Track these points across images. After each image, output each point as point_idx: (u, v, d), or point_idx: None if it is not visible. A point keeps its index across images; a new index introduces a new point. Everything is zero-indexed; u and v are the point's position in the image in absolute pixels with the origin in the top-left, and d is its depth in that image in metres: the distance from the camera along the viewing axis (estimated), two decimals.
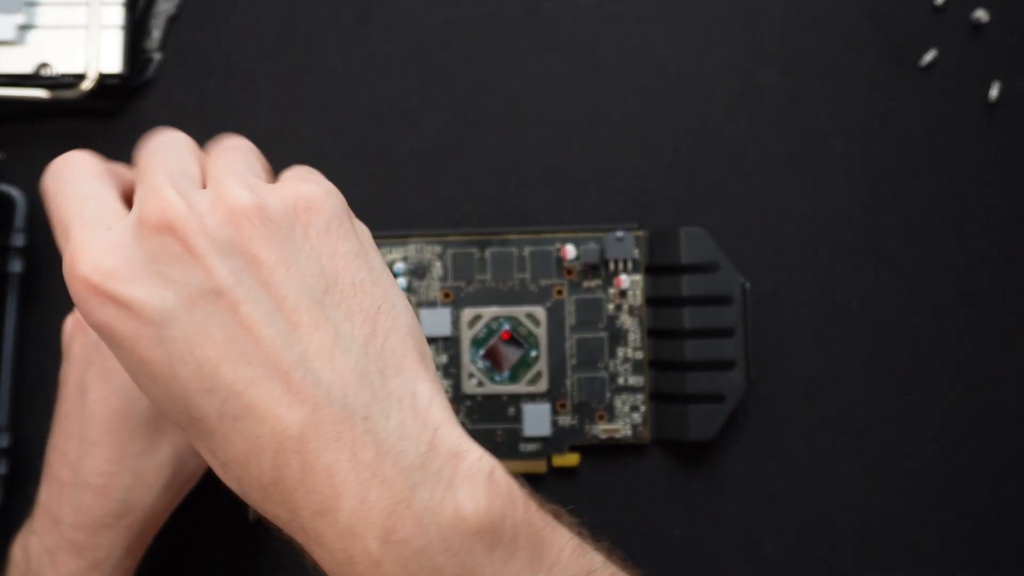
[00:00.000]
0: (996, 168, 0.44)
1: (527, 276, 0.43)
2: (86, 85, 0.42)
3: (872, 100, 0.44)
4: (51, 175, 0.28)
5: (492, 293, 0.43)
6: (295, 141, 0.44)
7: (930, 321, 0.44)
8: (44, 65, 0.42)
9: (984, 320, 0.44)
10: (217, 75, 0.45)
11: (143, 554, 0.37)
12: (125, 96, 0.44)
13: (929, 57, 0.44)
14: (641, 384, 0.42)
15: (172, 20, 0.45)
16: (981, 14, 0.44)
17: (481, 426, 0.42)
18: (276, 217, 0.26)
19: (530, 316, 0.42)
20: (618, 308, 0.43)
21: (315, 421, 0.24)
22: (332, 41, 0.45)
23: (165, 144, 0.29)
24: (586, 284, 0.43)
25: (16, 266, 0.43)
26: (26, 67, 0.42)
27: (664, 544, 0.43)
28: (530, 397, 0.42)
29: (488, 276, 0.43)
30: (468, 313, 0.42)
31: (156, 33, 0.44)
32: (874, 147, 0.44)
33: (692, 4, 0.45)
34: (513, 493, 0.25)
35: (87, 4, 0.42)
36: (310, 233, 0.26)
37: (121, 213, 0.27)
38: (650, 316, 0.43)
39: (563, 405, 0.42)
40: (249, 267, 0.25)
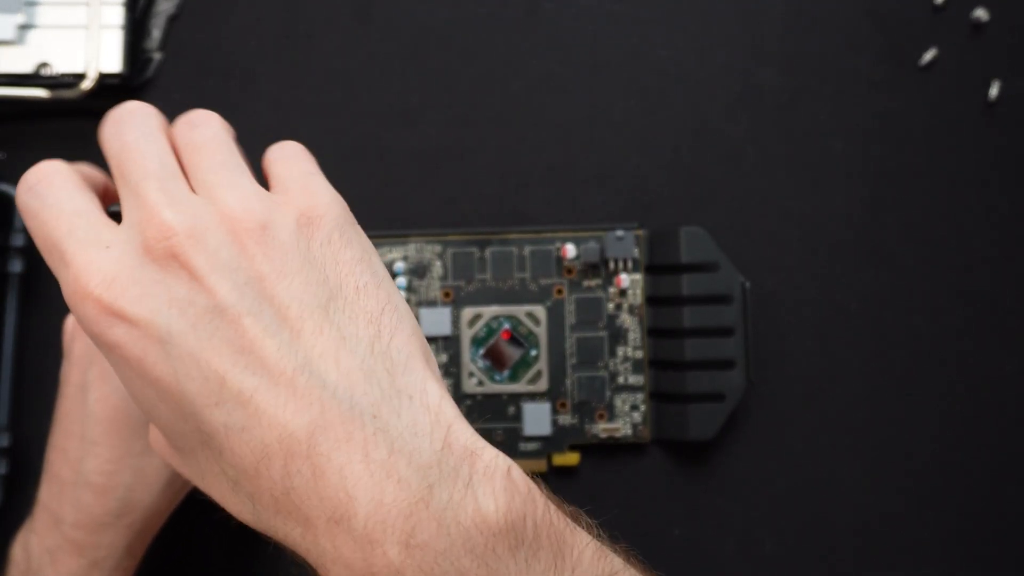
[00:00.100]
0: (996, 168, 0.44)
1: (527, 275, 0.43)
2: (86, 85, 0.42)
3: (872, 100, 0.44)
4: (28, 191, 0.27)
5: (492, 292, 0.43)
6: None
7: (930, 321, 0.44)
8: (44, 65, 0.42)
9: (984, 320, 0.44)
10: (217, 75, 0.45)
11: (143, 553, 0.37)
12: (125, 96, 0.44)
13: (929, 57, 0.44)
14: (641, 383, 0.42)
15: (172, 20, 0.45)
16: (981, 14, 0.44)
17: (481, 425, 0.42)
18: (279, 233, 0.26)
19: (530, 315, 0.42)
20: (618, 307, 0.43)
21: (323, 422, 0.24)
22: (332, 41, 0.45)
23: (136, 133, 0.28)
24: (586, 283, 0.43)
25: (16, 266, 0.43)
26: (26, 67, 0.42)
27: (664, 544, 0.43)
28: (530, 396, 0.42)
29: (488, 275, 0.43)
30: (468, 312, 0.42)
31: (156, 33, 0.44)
32: (874, 147, 0.44)
33: (692, 4, 0.45)
34: (532, 492, 0.24)
35: (87, 4, 0.42)
36: (313, 245, 0.26)
37: (112, 227, 0.26)
38: (650, 315, 0.43)
39: (563, 404, 0.42)
40: (251, 282, 0.25)
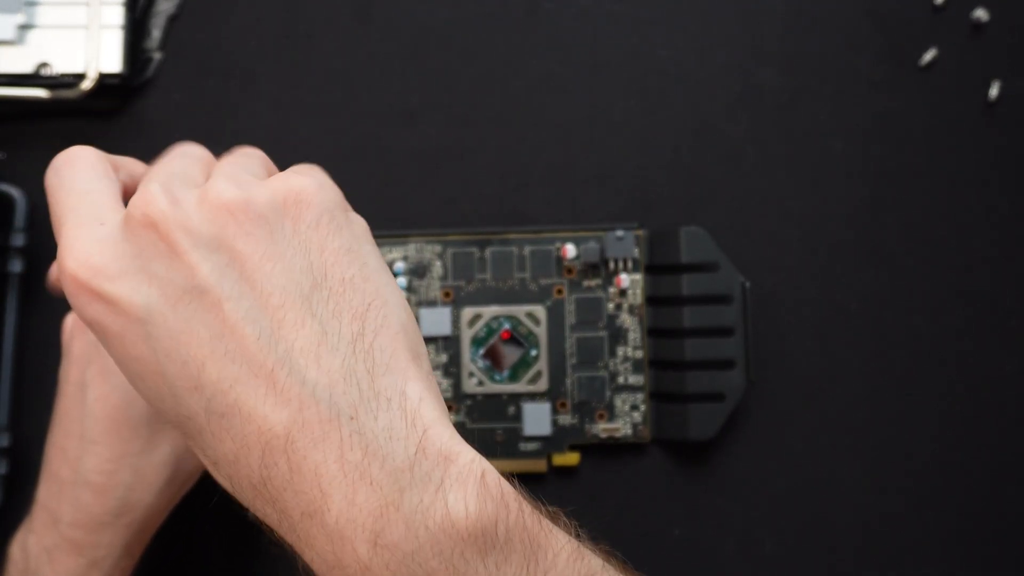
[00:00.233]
0: (996, 168, 0.44)
1: (527, 275, 0.43)
2: (86, 85, 0.42)
3: (872, 100, 0.44)
4: (53, 170, 0.28)
5: (492, 292, 0.43)
6: (295, 141, 0.44)
7: (930, 321, 0.44)
8: (44, 65, 0.42)
9: (984, 320, 0.44)
10: (217, 75, 0.45)
11: (141, 553, 0.37)
12: (125, 96, 0.44)
13: (929, 57, 0.44)
14: (641, 383, 0.42)
15: (172, 20, 0.45)
16: (981, 14, 0.44)
17: (481, 425, 0.42)
18: (262, 211, 0.25)
19: (530, 315, 0.42)
20: (618, 307, 0.43)
21: (301, 421, 0.24)
22: (332, 41, 0.45)
23: (179, 152, 0.29)
24: (586, 283, 0.43)
25: (16, 266, 0.43)
26: (26, 67, 0.42)
27: (664, 544, 0.43)
28: (530, 396, 0.42)
29: (488, 275, 0.43)
30: (468, 312, 0.42)
31: (156, 33, 0.44)
32: (874, 147, 0.44)
33: (692, 4, 0.45)
34: (506, 496, 0.24)
35: (87, 4, 0.42)
36: (299, 227, 0.26)
37: (118, 209, 0.27)
38: (650, 315, 0.43)
39: (563, 404, 0.42)
40: (233, 263, 0.25)
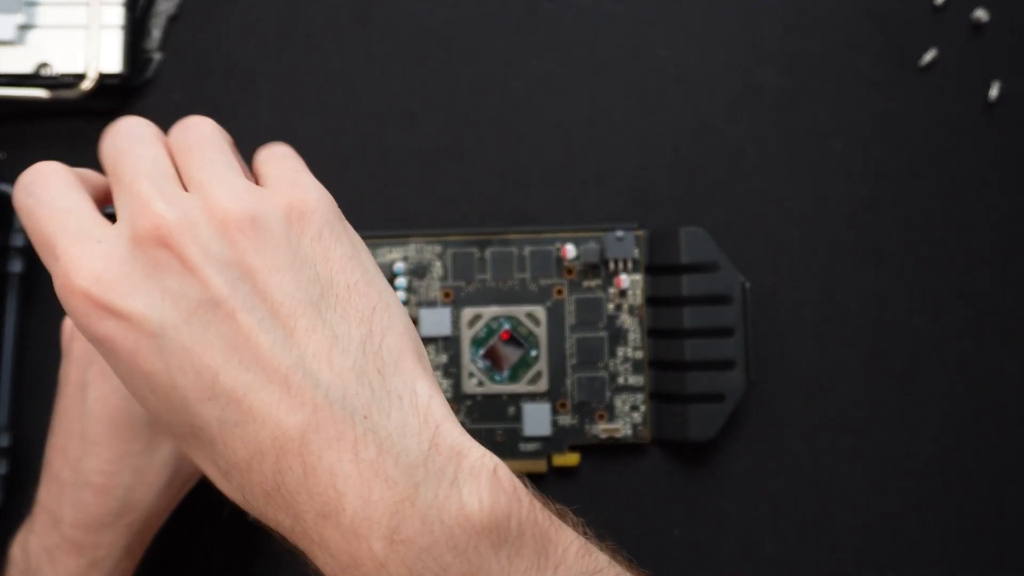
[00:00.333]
0: (996, 168, 0.44)
1: (527, 276, 0.43)
2: (86, 85, 0.42)
3: (872, 100, 0.44)
4: (23, 190, 0.28)
5: (492, 293, 0.43)
6: (295, 141, 0.44)
7: (930, 321, 0.44)
8: (44, 65, 0.42)
9: (984, 320, 0.44)
10: (217, 75, 0.45)
11: (142, 554, 0.37)
12: (125, 96, 0.44)
13: (929, 57, 0.44)
14: (641, 384, 0.42)
15: (172, 20, 0.45)
16: (981, 14, 0.44)
17: (481, 426, 0.42)
18: (269, 226, 0.26)
19: (530, 316, 0.42)
20: (618, 308, 0.43)
21: (315, 422, 0.24)
22: (332, 41, 0.45)
23: (131, 140, 0.28)
24: (586, 284, 0.43)
25: (16, 266, 0.43)
26: (26, 67, 0.42)
27: (664, 544, 0.43)
28: (530, 397, 0.42)
29: (488, 276, 0.43)
30: (468, 313, 0.42)
31: (156, 33, 0.44)
32: (874, 147, 0.44)
33: (692, 4, 0.45)
34: (518, 491, 0.25)
35: (87, 4, 0.42)
36: (303, 240, 0.26)
37: (105, 224, 0.26)
38: (650, 316, 0.43)
39: (563, 405, 0.42)
40: (244, 276, 0.25)
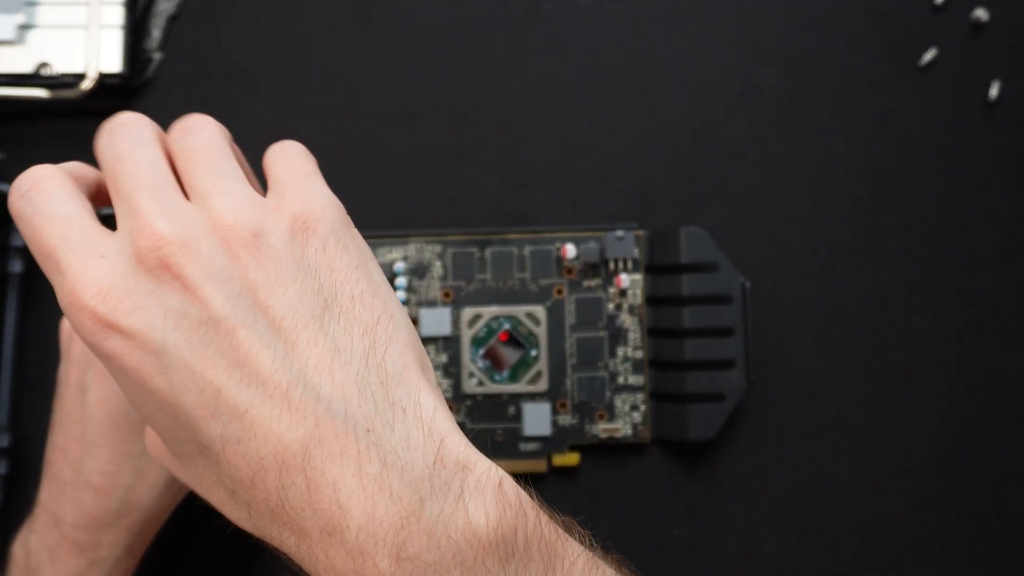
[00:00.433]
0: (996, 168, 0.44)
1: (527, 275, 0.43)
2: (86, 85, 0.42)
3: (872, 100, 0.44)
4: (21, 197, 0.27)
5: (492, 292, 0.43)
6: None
7: (930, 321, 0.44)
8: (44, 65, 0.42)
9: (984, 320, 0.44)
10: (217, 75, 0.45)
11: (142, 553, 0.37)
12: (125, 96, 0.44)
13: (929, 57, 0.44)
14: (641, 383, 0.42)
15: (172, 20, 0.45)
16: (981, 14, 0.44)
17: (481, 426, 0.42)
18: (272, 241, 0.25)
19: (530, 315, 0.42)
20: (618, 307, 0.43)
21: (317, 436, 0.24)
22: (332, 41, 0.45)
23: (130, 142, 0.27)
24: (586, 283, 0.43)
25: (16, 266, 0.43)
26: (26, 67, 0.42)
27: (664, 544, 0.43)
28: (530, 396, 0.42)
29: (488, 275, 0.43)
30: (468, 312, 0.42)
31: (156, 33, 0.44)
32: (874, 147, 0.44)
33: (692, 4, 0.45)
34: (524, 504, 0.24)
35: (87, 4, 0.42)
36: (308, 252, 0.26)
37: (106, 235, 0.26)
38: (650, 315, 0.43)
39: (563, 404, 0.42)
40: (245, 292, 0.25)
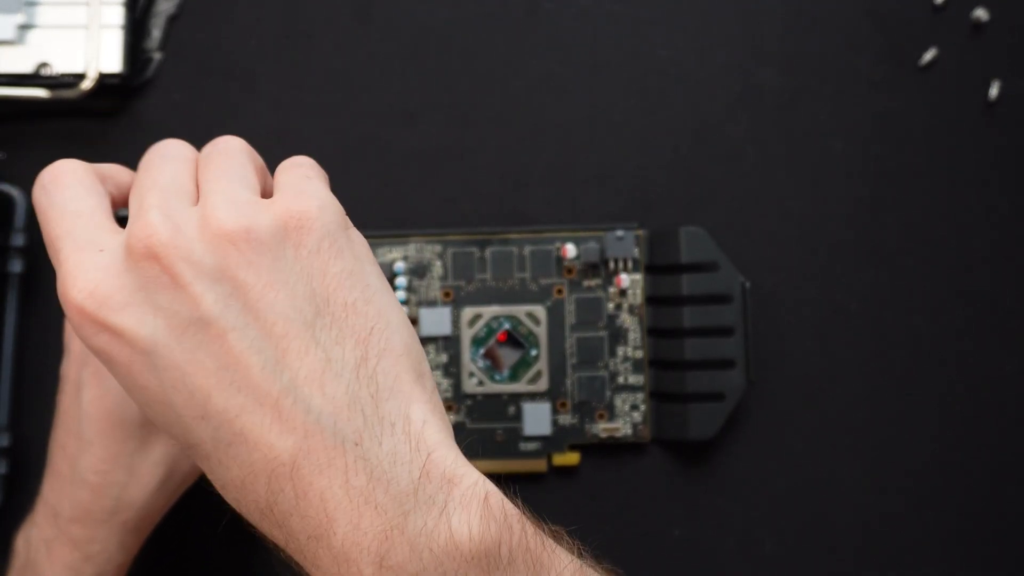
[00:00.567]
0: (996, 168, 0.44)
1: (527, 275, 0.43)
2: (86, 85, 0.42)
3: (872, 100, 0.44)
4: (41, 189, 0.27)
5: (492, 292, 0.43)
6: (295, 141, 0.44)
7: (930, 321, 0.44)
8: (44, 65, 0.42)
9: (984, 320, 0.44)
10: (217, 75, 0.45)
11: (138, 549, 0.37)
12: (125, 96, 0.44)
13: (929, 57, 0.44)
14: (641, 383, 0.42)
15: (172, 20, 0.45)
16: (981, 14, 0.44)
17: (481, 425, 0.42)
18: (264, 239, 0.25)
19: (530, 315, 0.42)
20: (618, 307, 0.43)
21: (306, 448, 0.24)
22: (332, 41, 0.45)
23: (163, 156, 0.28)
24: (586, 283, 0.43)
25: (16, 266, 0.43)
26: (26, 67, 0.42)
27: (664, 544, 0.43)
28: (530, 396, 0.42)
29: (488, 275, 0.43)
30: (468, 312, 0.42)
31: (156, 33, 0.44)
32: (874, 147, 0.44)
33: (692, 4, 0.45)
34: (509, 517, 0.25)
35: (87, 4, 0.42)
36: (300, 253, 0.26)
37: (113, 231, 0.26)
38: (650, 315, 0.43)
39: (563, 404, 0.42)
40: (236, 293, 0.25)
